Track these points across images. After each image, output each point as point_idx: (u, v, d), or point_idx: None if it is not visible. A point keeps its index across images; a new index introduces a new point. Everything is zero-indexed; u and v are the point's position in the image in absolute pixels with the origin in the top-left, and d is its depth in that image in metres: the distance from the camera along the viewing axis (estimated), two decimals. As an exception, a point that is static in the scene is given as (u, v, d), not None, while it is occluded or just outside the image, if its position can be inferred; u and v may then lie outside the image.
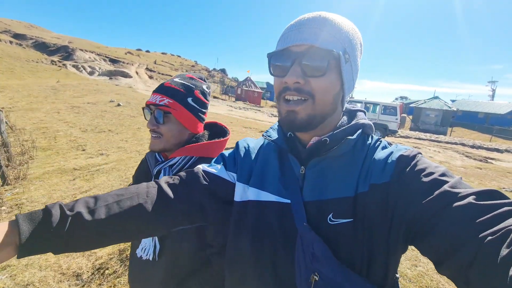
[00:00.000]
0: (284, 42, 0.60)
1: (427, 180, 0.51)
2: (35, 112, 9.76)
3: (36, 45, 33.89)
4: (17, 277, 2.16)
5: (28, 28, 44.46)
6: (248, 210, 0.70)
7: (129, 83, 24.91)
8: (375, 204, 0.56)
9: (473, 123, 31.82)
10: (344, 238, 0.57)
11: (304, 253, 0.58)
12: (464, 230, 0.43)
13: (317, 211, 0.60)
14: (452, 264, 0.44)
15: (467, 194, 0.46)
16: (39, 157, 5.51)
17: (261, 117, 15.92)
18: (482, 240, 0.40)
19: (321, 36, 0.56)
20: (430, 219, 0.48)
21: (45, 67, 25.23)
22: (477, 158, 9.90)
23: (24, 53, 28.36)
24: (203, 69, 60.95)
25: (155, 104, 0.92)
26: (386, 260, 0.57)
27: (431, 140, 13.87)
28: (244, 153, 0.78)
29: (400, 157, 0.58)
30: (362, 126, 0.66)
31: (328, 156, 0.62)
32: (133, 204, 0.63)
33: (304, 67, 0.57)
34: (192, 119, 0.98)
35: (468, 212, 0.44)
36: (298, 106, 0.59)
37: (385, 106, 13.26)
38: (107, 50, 42.90)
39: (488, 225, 0.41)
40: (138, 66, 37.99)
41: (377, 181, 0.57)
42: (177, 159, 0.94)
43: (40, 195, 3.79)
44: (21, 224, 0.50)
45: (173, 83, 0.97)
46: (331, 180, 0.61)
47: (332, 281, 0.55)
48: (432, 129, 24.46)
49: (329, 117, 0.64)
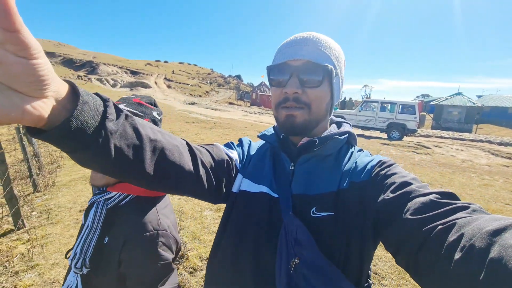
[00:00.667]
0: (282, 57, 0.67)
1: (398, 180, 0.57)
2: (62, 124, 10.47)
3: (64, 61, 36.33)
4: (44, 275, 2.38)
5: (57, 46, 47.77)
6: (239, 199, 0.75)
7: (149, 93, 25.95)
8: (354, 200, 0.62)
9: (502, 119, 29.87)
10: (324, 229, 0.62)
11: (287, 240, 0.63)
12: (419, 220, 0.47)
13: (302, 204, 0.66)
14: (405, 250, 0.47)
15: (429, 192, 0.51)
16: (66, 166, 5.94)
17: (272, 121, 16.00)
18: (433, 228, 0.44)
19: (316, 53, 0.65)
20: (393, 211, 0.52)
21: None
22: (505, 155, 9.33)
23: (53, 70, 30.46)
24: (218, 76, 62.14)
25: None
26: (361, 254, 0.62)
27: (454, 138, 13.23)
28: (247, 148, 0.86)
29: (379, 161, 0.66)
30: (348, 133, 0.74)
31: (316, 155, 0.69)
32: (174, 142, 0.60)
33: (301, 79, 0.65)
34: None
35: (427, 206, 0.48)
36: (296, 111, 0.66)
37: (402, 105, 12.83)
38: (128, 62, 45.04)
39: (441, 217, 0.45)
40: (157, 76, 39.50)
41: (356, 180, 0.64)
42: (115, 194, 0.86)
43: (67, 200, 4.10)
44: (81, 92, 0.41)
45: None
46: (317, 177, 0.68)
47: (312, 264, 0.59)
48: (455, 127, 23.21)
49: (321, 123, 0.72)
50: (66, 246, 2.83)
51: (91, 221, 0.82)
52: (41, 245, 2.82)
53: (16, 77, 0.31)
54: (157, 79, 37.43)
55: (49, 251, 2.75)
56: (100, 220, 0.83)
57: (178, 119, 12.07)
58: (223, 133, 9.57)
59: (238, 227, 0.73)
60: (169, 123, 11.05)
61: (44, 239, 2.96)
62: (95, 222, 0.82)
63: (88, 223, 0.82)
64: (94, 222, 0.82)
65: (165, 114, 13.18)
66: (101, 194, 0.86)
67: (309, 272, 0.59)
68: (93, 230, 0.82)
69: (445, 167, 7.29)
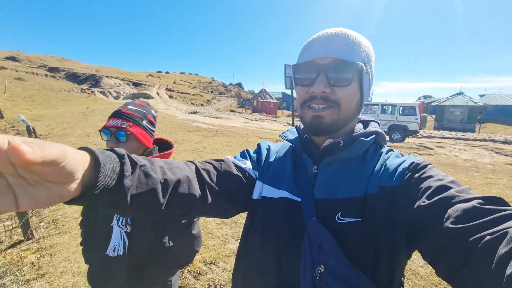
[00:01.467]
0: (308, 55, 0.64)
1: (434, 184, 0.52)
2: (68, 137, 10.65)
3: (68, 76, 37.06)
4: (54, 282, 2.45)
5: (61, 61, 48.76)
6: (260, 206, 0.73)
7: (151, 104, 26.26)
8: (383, 205, 0.57)
9: (505, 118, 29.60)
10: (351, 236, 0.58)
11: (311, 246, 0.60)
12: (464, 230, 0.42)
13: (326, 208, 0.62)
14: (447, 262, 0.43)
15: (472, 198, 0.46)
16: (71, 178, 6.05)
17: (276, 127, 16.07)
18: (480, 239, 0.39)
19: (345, 50, 0.61)
20: (430, 219, 0.48)
21: (76, 95, 27.42)
22: (509, 154, 9.28)
23: (57, 84, 31.07)
24: (219, 85, 62.72)
25: (116, 127, 1.10)
26: (392, 262, 0.58)
27: (456, 138, 13.19)
28: (265, 153, 0.83)
29: (412, 164, 0.60)
30: (376, 133, 0.69)
31: (340, 157, 0.65)
32: (183, 173, 0.62)
33: (329, 77, 0.61)
34: (147, 137, 1.20)
35: (470, 213, 0.43)
36: (324, 112, 0.62)
37: (403, 107, 12.87)
38: (130, 74, 45.77)
39: (488, 226, 0.40)
40: (159, 87, 40.05)
41: (386, 184, 0.59)
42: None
43: (73, 211, 4.18)
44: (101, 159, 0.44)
45: (129, 109, 1.16)
46: (342, 181, 0.64)
47: (338, 272, 0.56)
48: (458, 127, 23.12)
49: (349, 123, 0.68)
50: (74, 255, 2.90)
51: None
52: (50, 254, 2.89)
53: (51, 177, 0.36)
54: (159, 90, 37.97)
55: (58, 259, 2.81)
56: None
57: (180, 128, 12.21)
58: (225, 140, 9.66)
59: (260, 234, 0.72)
60: (172, 133, 11.19)
61: (53, 248, 3.04)
62: None
63: None
64: None
65: (167, 124, 13.35)
66: None
67: (334, 281, 0.56)
68: None
69: (448, 167, 7.28)
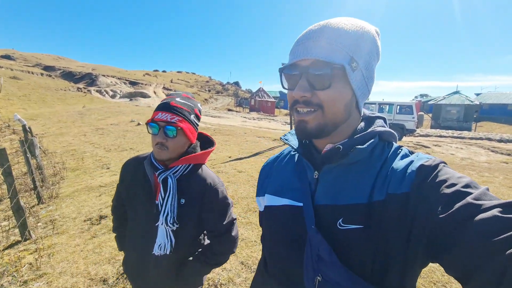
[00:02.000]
0: (292, 56, 0.61)
1: (449, 191, 0.49)
2: (64, 136, 10.57)
3: (63, 74, 36.72)
4: (52, 283, 2.43)
5: (56, 60, 48.30)
6: (265, 216, 0.77)
7: (148, 103, 26.16)
8: (392, 213, 0.54)
9: (501, 116, 29.94)
10: (353, 243, 0.57)
11: (312, 254, 0.60)
12: (489, 245, 0.40)
13: (327, 215, 0.61)
14: (478, 283, 0.41)
15: (491, 206, 0.43)
16: (69, 177, 6.00)
17: (274, 126, 16.08)
18: (510, 255, 0.37)
19: (325, 48, 0.56)
20: (452, 233, 0.45)
21: (72, 94, 27.19)
22: (505, 152, 9.37)
23: (53, 83, 30.77)
24: (217, 84, 62.56)
25: (166, 121, 1.04)
26: (403, 272, 0.56)
27: (453, 137, 13.30)
28: (265, 171, 0.85)
29: (421, 167, 0.55)
30: (378, 134, 0.64)
31: (341, 163, 0.62)
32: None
33: (310, 80, 0.58)
34: (193, 133, 1.15)
35: (493, 225, 0.41)
36: (308, 116, 0.60)
37: (400, 106, 12.95)
38: (127, 73, 45.48)
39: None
40: (156, 86, 39.83)
41: (395, 191, 0.55)
42: (179, 167, 1.10)
43: (71, 211, 4.15)
44: None
45: (177, 102, 1.10)
46: (344, 186, 0.61)
47: (335, 283, 0.55)
48: (454, 126, 23.28)
49: (343, 124, 0.64)
50: (72, 255, 2.88)
51: (170, 190, 1.06)
52: (48, 255, 2.87)
53: None
54: (156, 89, 37.78)
55: (56, 260, 2.79)
56: (175, 188, 1.07)
57: (178, 127, 12.17)
58: (223, 139, 9.64)
59: (268, 242, 0.76)
60: (170, 132, 11.14)
61: (51, 249, 3.01)
62: (172, 190, 1.06)
63: (169, 191, 1.06)
64: (172, 190, 1.06)
65: (165, 122, 13.28)
66: (166, 171, 1.09)
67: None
68: (172, 196, 1.06)
69: (445, 166, 7.31)
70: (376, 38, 0.63)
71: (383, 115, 0.73)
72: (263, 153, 7.89)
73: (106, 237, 3.28)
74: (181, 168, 1.10)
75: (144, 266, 1.13)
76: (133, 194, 1.14)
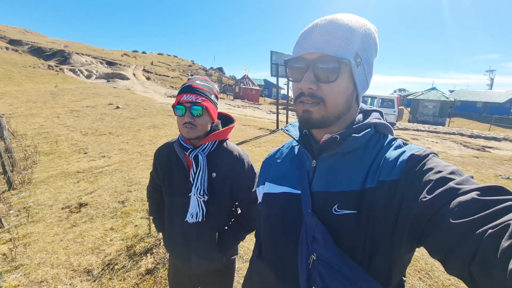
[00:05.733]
0: (298, 49, 0.63)
1: (434, 178, 0.51)
2: (35, 117, 9.84)
3: (32, 50, 33.84)
4: (30, 275, 2.26)
5: (23, 33, 44.35)
6: (263, 202, 0.81)
7: (127, 85, 24.90)
8: (382, 199, 0.57)
9: (471, 113, 31.80)
10: (346, 228, 0.60)
11: (307, 236, 0.64)
12: (465, 225, 0.42)
13: (323, 201, 0.64)
14: (455, 261, 0.43)
15: (470, 190, 0.46)
16: (42, 162, 5.61)
17: (259, 115, 15.97)
18: (482, 234, 0.39)
19: (332, 43, 0.58)
20: (433, 216, 0.47)
21: (42, 72, 25.22)
22: (475, 147, 9.98)
23: (20, 58, 28.32)
24: (200, 69, 60.82)
25: (191, 102, 1.12)
26: (390, 257, 0.58)
27: (429, 131, 13.94)
28: (266, 161, 0.90)
29: (411, 156, 0.58)
30: (374, 125, 0.68)
31: (338, 152, 0.65)
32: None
33: (316, 73, 0.60)
34: (215, 111, 1.25)
35: (470, 207, 0.43)
36: (312, 107, 0.62)
37: (382, 99, 13.34)
38: (103, 52, 42.82)
39: (489, 220, 0.40)
40: (135, 67, 37.95)
41: (385, 178, 0.58)
42: (207, 144, 1.20)
43: (46, 198, 3.89)
44: None
45: (199, 84, 1.18)
46: (339, 174, 0.65)
47: (328, 261, 0.59)
48: (430, 121, 24.43)
49: (344, 115, 0.67)
50: (52, 245, 2.70)
51: (201, 166, 1.16)
52: (24, 245, 2.68)
53: None
54: (136, 71, 35.91)
55: (33, 250, 2.61)
56: (205, 163, 1.17)
57: (160, 112, 11.72)
58: (208, 126, 9.43)
59: (265, 226, 0.80)
60: (151, 117, 10.72)
61: (27, 238, 2.81)
62: (203, 165, 1.16)
63: (200, 167, 1.16)
64: (202, 166, 1.16)
65: (146, 107, 12.75)
66: (196, 149, 1.18)
67: (324, 270, 0.60)
68: (202, 171, 1.16)
69: (423, 158, 7.67)
70: (375, 35, 0.66)
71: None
72: (249, 141, 7.82)
73: (88, 226, 3.11)
74: (208, 145, 1.20)
75: (188, 236, 1.23)
76: (169, 175, 1.25)
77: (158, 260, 2.41)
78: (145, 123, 9.47)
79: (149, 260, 2.44)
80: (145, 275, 2.27)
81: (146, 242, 2.69)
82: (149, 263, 2.40)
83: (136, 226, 3.05)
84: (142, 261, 2.43)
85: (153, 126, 9.04)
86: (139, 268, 2.34)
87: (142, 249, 2.58)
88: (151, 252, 2.53)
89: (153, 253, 2.50)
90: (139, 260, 2.44)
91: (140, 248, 2.60)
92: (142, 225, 3.04)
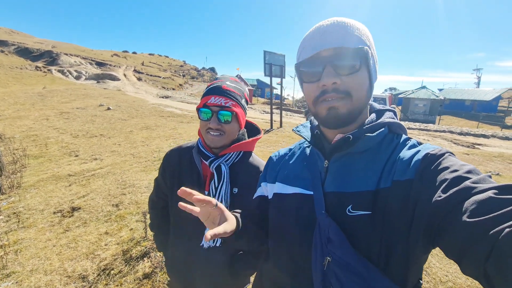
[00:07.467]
0: (310, 50, 0.62)
1: (450, 177, 0.50)
2: (23, 120, 9.57)
3: (18, 51, 32.96)
4: (23, 282, 2.19)
5: (9, 34, 43.17)
6: (273, 202, 0.79)
7: (118, 86, 24.51)
8: (397, 200, 0.56)
9: (460, 111, 32.56)
10: (361, 229, 0.59)
11: (321, 238, 0.62)
12: (481, 223, 0.41)
13: (337, 202, 0.63)
14: (470, 260, 0.42)
15: (487, 188, 0.45)
16: (31, 165, 5.45)
17: (253, 115, 15.95)
18: (498, 233, 0.38)
19: (347, 37, 0.60)
20: (448, 214, 0.46)
21: (29, 73, 24.59)
22: (465, 144, 10.19)
23: (7, 59, 27.56)
24: (192, 69, 60.35)
25: (220, 106, 0.98)
26: (406, 258, 0.57)
27: (420, 129, 14.17)
28: (275, 159, 0.88)
29: (426, 155, 0.57)
30: (387, 125, 0.67)
31: (350, 152, 0.65)
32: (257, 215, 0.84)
33: (337, 68, 0.60)
34: (244, 118, 1.10)
35: (486, 206, 0.42)
36: (338, 103, 0.61)
37: (374, 98, 13.51)
38: (93, 53, 42.06)
39: (506, 219, 0.39)
40: (126, 68, 37.39)
41: (400, 178, 0.57)
42: (231, 154, 1.05)
43: (37, 202, 3.78)
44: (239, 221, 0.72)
45: (229, 86, 1.03)
46: (353, 174, 0.63)
47: (344, 263, 0.58)
48: (421, 119, 24.86)
49: (363, 111, 0.67)
50: (44, 251, 2.62)
51: (224, 178, 1.02)
52: (15, 251, 2.59)
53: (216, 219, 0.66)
54: (126, 71, 35.35)
55: (25, 257, 2.52)
56: (227, 176, 1.02)
57: (152, 114, 11.58)
58: (202, 127, 9.35)
59: (276, 228, 0.77)
60: (143, 118, 10.57)
61: (18, 245, 2.72)
62: (225, 177, 1.02)
63: (222, 179, 1.02)
64: (225, 178, 1.02)
65: (138, 108, 12.58)
66: (218, 158, 1.04)
67: (341, 271, 0.58)
68: (225, 184, 1.01)
69: (415, 156, 7.79)
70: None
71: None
72: (243, 141, 7.80)
73: (82, 230, 3.03)
74: (232, 156, 1.06)
75: (195, 260, 1.07)
76: (179, 184, 1.10)
77: (155, 264, 2.36)
78: (138, 125, 9.33)
79: (146, 264, 2.39)
80: (142, 279, 2.23)
81: (143, 245, 2.63)
82: (146, 267, 2.36)
83: (131, 229, 2.99)
84: (139, 266, 2.38)
85: (146, 128, 8.91)
86: (136, 273, 2.29)
87: (139, 253, 2.53)
88: (148, 256, 2.48)
89: (150, 257, 2.45)
90: (136, 265, 2.39)
91: (136, 252, 2.55)
92: (137, 229, 2.98)
